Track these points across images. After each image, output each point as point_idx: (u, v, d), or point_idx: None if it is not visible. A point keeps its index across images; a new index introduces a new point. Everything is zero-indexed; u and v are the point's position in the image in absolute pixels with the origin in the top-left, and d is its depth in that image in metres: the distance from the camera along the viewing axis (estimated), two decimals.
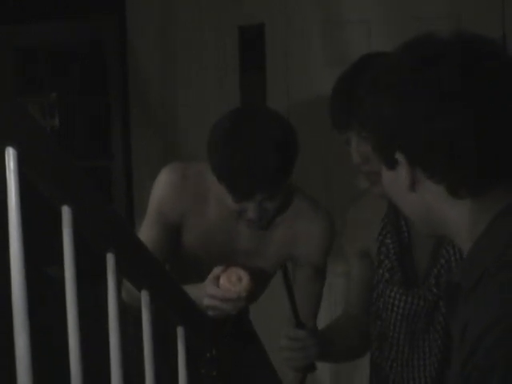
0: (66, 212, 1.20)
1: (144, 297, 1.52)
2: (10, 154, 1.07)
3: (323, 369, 2.94)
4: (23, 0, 4.17)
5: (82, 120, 4.62)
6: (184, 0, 3.66)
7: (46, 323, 2.63)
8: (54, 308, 1.55)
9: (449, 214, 1.19)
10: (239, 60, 3.61)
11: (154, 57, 3.72)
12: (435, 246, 1.78)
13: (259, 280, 2.12)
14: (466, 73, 1.14)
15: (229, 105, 2.88)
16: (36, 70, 4.60)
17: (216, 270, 1.98)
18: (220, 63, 3.62)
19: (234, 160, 1.89)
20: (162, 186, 2.10)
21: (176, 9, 3.68)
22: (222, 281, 1.98)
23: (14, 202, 1.10)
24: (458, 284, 1.17)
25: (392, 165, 1.21)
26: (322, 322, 2.18)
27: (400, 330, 1.81)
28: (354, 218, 1.98)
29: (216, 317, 1.98)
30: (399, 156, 1.18)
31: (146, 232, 2.08)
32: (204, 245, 2.12)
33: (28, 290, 1.11)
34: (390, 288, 1.82)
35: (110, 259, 1.34)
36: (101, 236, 1.32)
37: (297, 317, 1.77)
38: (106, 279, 1.37)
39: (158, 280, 1.58)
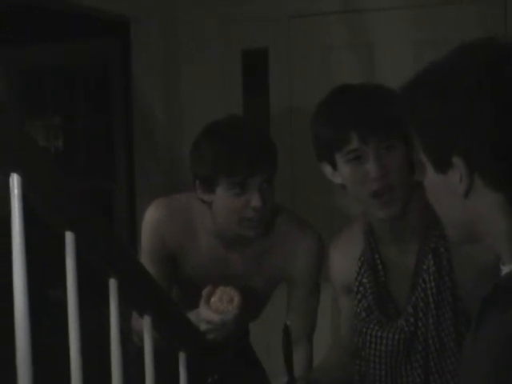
0: (68, 238, 1.20)
1: (146, 322, 1.52)
2: (15, 181, 1.08)
3: None
4: (27, 23, 4.20)
5: (85, 142, 4.64)
6: (188, 23, 3.68)
7: (49, 345, 2.63)
8: (58, 330, 1.56)
9: (497, 224, 1.13)
10: (243, 83, 3.62)
11: (157, 80, 3.73)
12: (413, 276, 1.77)
13: (253, 302, 2.13)
14: None
15: None
16: (41, 92, 4.63)
17: (205, 293, 1.99)
18: (224, 86, 3.63)
19: (232, 138, 1.95)
20: (150, 226, 2.13)
21: (180, 32, 3.70)
22: (213, 302, 1.99)
23: (17, 227, 1.11)
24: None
25: (444, 168, 1.13)
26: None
27: (380, 366, 1.80)
28: (334, 254, 1.96)
29: (216, 340, 1.98)
30: (457, 160, 1.11)
31: None
32: (199, 273, 2.14)
33: (31, 311, 1.11)
34: (366, 326, 1.81)
35: (113, 285, 1.35)
36: (103, 262, 1.33)
37: (290, 372, 1.71)
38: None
39: (160, 306, 1.59)
